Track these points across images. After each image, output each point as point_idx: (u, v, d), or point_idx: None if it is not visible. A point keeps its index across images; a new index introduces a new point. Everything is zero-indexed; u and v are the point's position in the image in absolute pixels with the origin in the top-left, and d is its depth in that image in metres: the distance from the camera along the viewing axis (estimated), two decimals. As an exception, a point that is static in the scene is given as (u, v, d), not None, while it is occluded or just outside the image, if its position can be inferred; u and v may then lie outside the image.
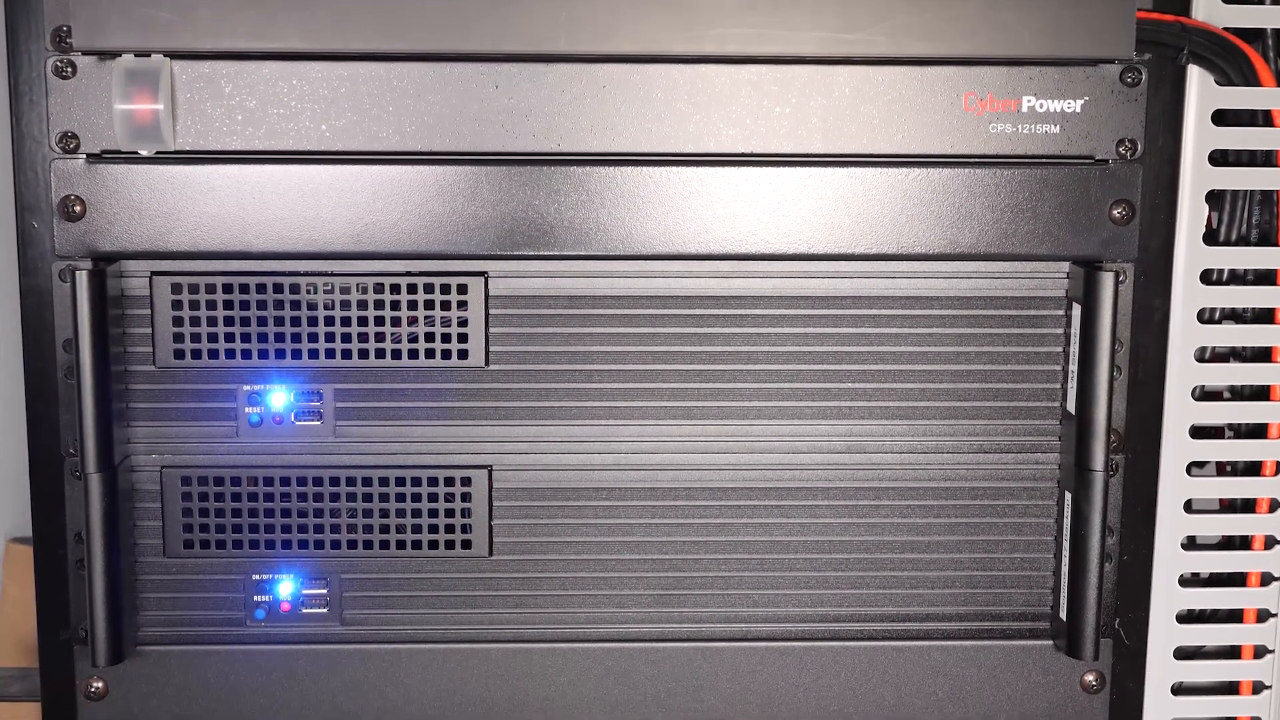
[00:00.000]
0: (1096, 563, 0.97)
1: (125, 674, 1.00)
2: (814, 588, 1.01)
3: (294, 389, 0.98)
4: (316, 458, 0.98)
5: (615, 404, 0.99)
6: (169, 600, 1.00)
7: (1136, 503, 1.02)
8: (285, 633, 1.00)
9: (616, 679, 1.01)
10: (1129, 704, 1.05)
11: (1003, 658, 1.02)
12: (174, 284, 0.96)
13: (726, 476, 1.00)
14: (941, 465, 1.00)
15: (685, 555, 1.01)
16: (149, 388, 0.97)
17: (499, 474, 0.99)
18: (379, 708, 1.01)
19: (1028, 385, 1.00)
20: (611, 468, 0.99)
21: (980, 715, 1.02)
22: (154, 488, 0.98)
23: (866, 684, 1.02)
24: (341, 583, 1.00)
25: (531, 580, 1.01)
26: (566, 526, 1.00)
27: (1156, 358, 1.00)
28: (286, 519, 0.99)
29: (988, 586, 1.02)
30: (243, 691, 1.00)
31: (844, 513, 1.01)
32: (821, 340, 0.99)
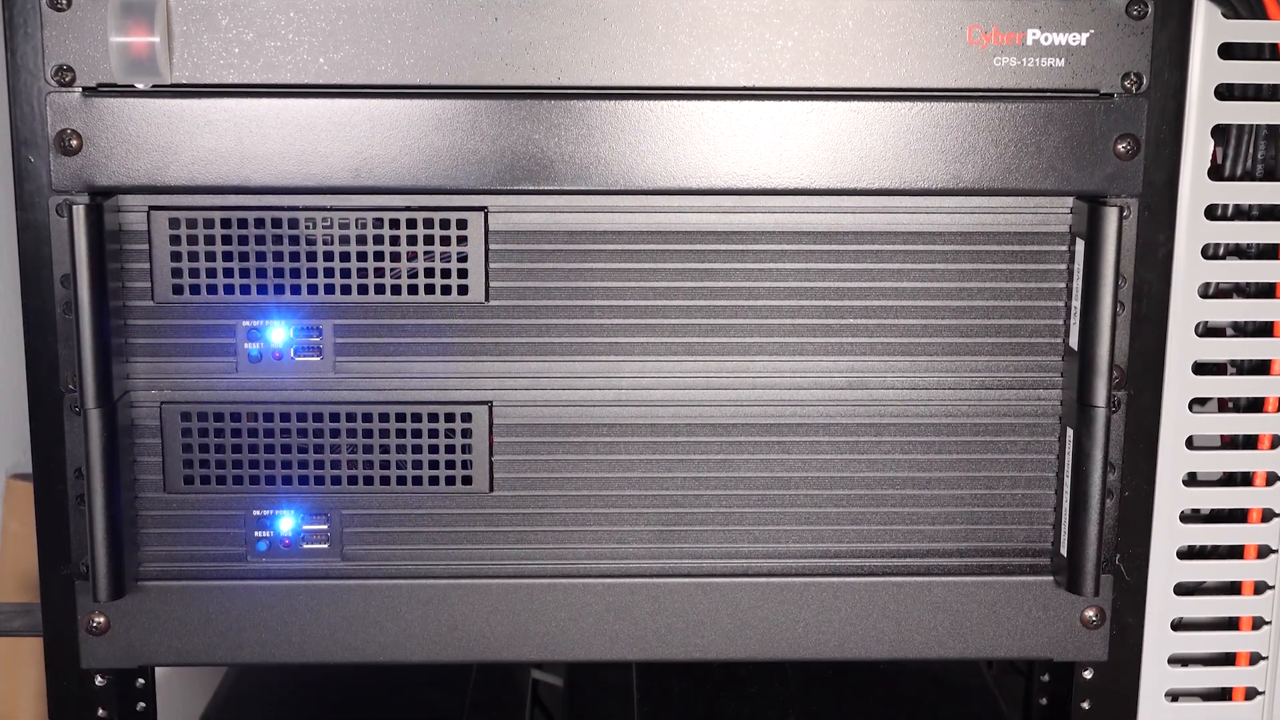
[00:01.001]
0: (1097, 499, 0.97)
1: (126, 609, 1.00)
2: (815, 523, 1.01)
3: (293, 324, 0.97)
4: (316, 393, 0.98)
5: (616, 340, 0.98)
6: (170, 536, 1.00)
7: (1138, 439, 1.01)
8: (286, 568, 1.00)
9: (617, 614, 1.01)
10: (1129, 639, 1.05)
11: (1003, 593, 1.02)
12: (172, 219, 0.95)
13: (727, 412, 1.00)
14: (943, 401, 1.00)
15: (686, 491, 1.00)
16: (148, 323, 0.97)
17: (499, 410, 0.99)
18: (380, 642, 1.01)
19: (1030, 321, 0.99)
20: (612, 403, 0.99)
21: (980, 650, 1.02)
22: (153, 423, 0.98)
23: (867, 619, 1.02)
24: (342, 518, 1.00)
25: (532, 516, 1.01)
26: (567, 462, 1.00)
27: (1160, 293, 1.00)
28: (287, 455, 0.98)
29: (988, 522, 1.01)
30: (244, 626, 1.00)
31: (845, 449, 1.00)
32: (823, 276, 0.98)
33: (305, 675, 1.23)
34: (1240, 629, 1.07)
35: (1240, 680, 1.08)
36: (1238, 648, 1.07)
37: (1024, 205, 0.98)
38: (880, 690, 1.18)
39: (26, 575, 1.31)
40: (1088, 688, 1.06)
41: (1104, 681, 1.06)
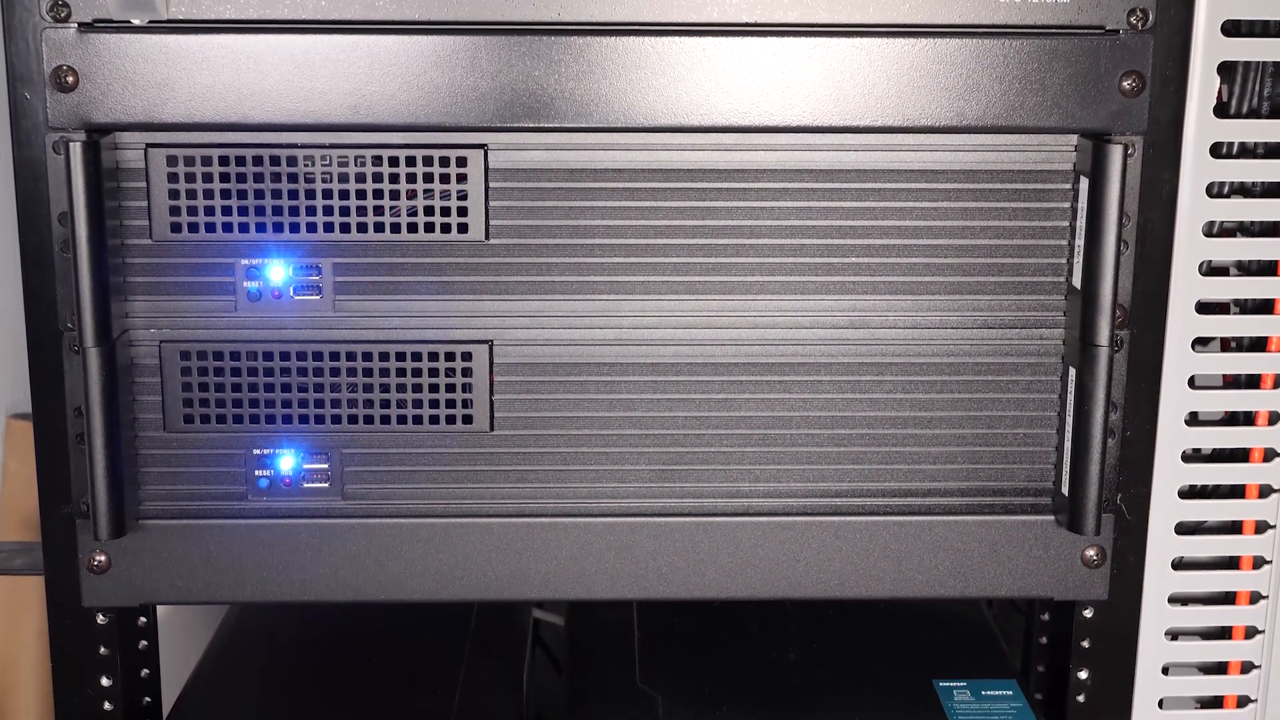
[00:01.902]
0: (1099, 438, 0.97)
1: (127, 547, 1.00)
2: (816, 462, 1.01)
3: (292, 263, 0.97)
4: (316, 332, 0.98)
5: (616, 278, 0.98)
6: (170, 475, 1.00)
7: (1140, 378, 1.01)
8: (286, 507, 1.00)
9: (618, 553, 1.01)
10: (1129, 578, 1.05)
11: (1004, 532, 1.02)
12: (169, 156, 0.95)
13: (728, 351, 0.99)
14: (945, 340, 1.00)
15: (687, 430, 1.00)
16: (146, 261, 0.97)
17: (500, 349, 0.99)
18: (381, 581, 1.01)
19: (1033, 260, 0.99)
20: (613, 343, 0.99)
21: (980, 589, 1.03)
22: (153, 362, 0.98)
23: (867, 558, 1.02)
24: (342, 457, 1.00)
25: (533, 455, 1.00)
26: (568, 401, 1.00)
27: (1163, 232, 0.99)
28: (286, 394, 0.98)
29: (990, 462, 1.01)
30: (244, 565, 1.00)
31: (846, 388, 1.00)
32: (825, 214, 0.98)
33: (306, 614, 1.24)
34: (1241, 568, 1.07)
35: (1240, 619, 1.08)
36: (1238, 587, 1.07)
37: (1028, 143, 0.97)
38: (880, 629, 1.18)
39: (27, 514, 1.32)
40: (1088, 626, 1.06)
41: (1104, 620, 1.06)
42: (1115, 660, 1.07)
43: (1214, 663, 1.10)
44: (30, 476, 1.01)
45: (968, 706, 1.06)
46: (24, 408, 1.31)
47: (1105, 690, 1.08)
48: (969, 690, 1.08)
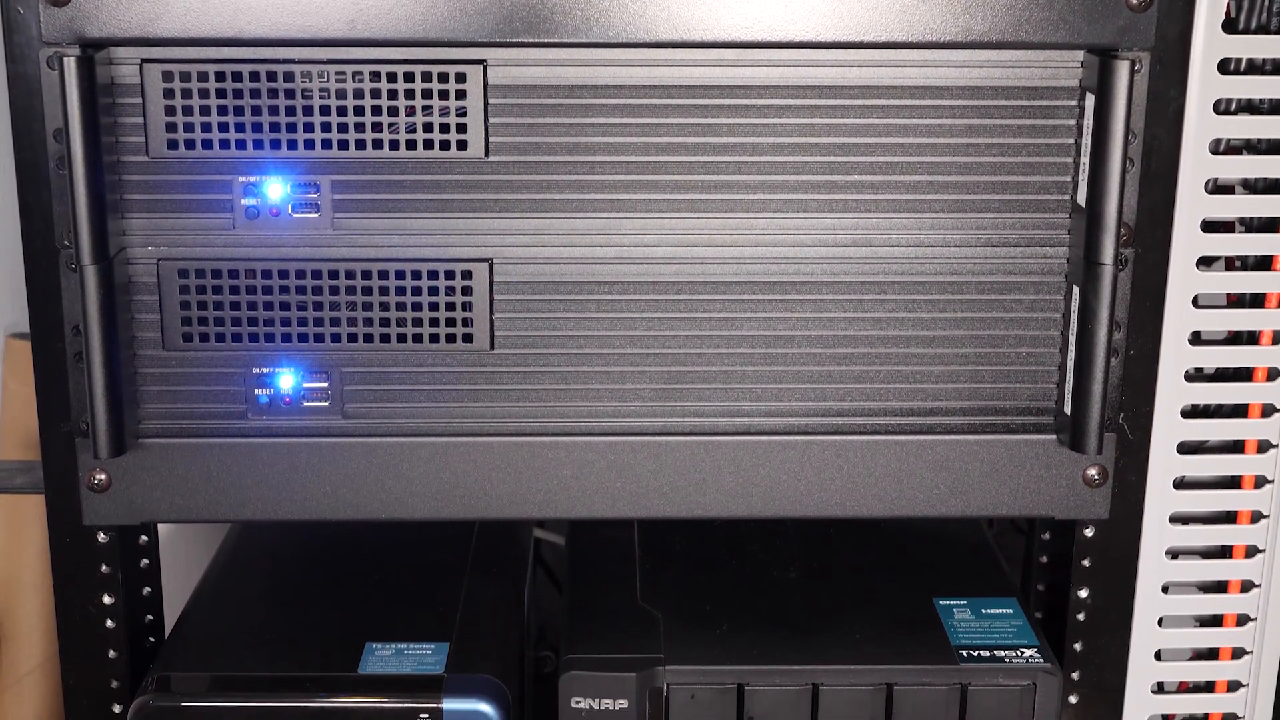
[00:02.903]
0: (1102, 357, 0.96)
1: (127, 466, 1.00)
2: (817, 381, 1.01)
3: (290, 180, 0.96)
4: (315, 250, 0.97)
5: (617, 196, 0.97)
6: (169, 393, 1.00)
7: (1144, 297, 1.01)
8: (286, 426, 1.00)
9: (619, 472, 1.01)
10: (1130, 497, 1.05)
11: (1005, 451, 1.02)
12: (165, 72, 0.93)
13: (730, 270, 0.99)
14: (948, 259, 0.99)
15: (688, 349, 1.00)
16: (143, 179, 0.96)
17: (500, 267, 0.98)
18: (381, 499, 1.01)
19: (1038, 178, 0.98)
20: (614, 261, 0.98)
21: (982, 508, 1.03)
22: (151, 280, 0.97)
23: (869, 478, 1.02)
24: (342, 376, 0.99)
25: (533, 374, 1.00)
26: (568, 320, 0.99)
27: (1169, 150, 0.98)
28: (285, 312, 0.98)
29: (992, 381, 1.01)
30: (245, 483, 1.00)
31: (848, 306, 1.00)
32: (828, 131, 0.97)
33: (307, 534, 1.24)
34: (1242, 488, 1.07)
35: (1241, 539, 1.08)
36: (1239, 506, 1.07)
37: (1033, 59, 0.96)
38: (881, 548, 1.18)
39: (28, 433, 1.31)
40: (1088, 545, 1.06)
41: (1105, 539, 1.06)
42: (1115, 579, 1.07)
43: (1214, 582, 1.10)
44: (30, 395, 1.01)
45: (968, 624, 1.06)
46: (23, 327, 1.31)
47: (1105, 609, 1.08)
48: (969, 608, 1.09)
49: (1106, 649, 1.09)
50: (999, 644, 1.04)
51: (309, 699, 1.01)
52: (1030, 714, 1.02)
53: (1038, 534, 1.15)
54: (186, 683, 1.03)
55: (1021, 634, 1.05)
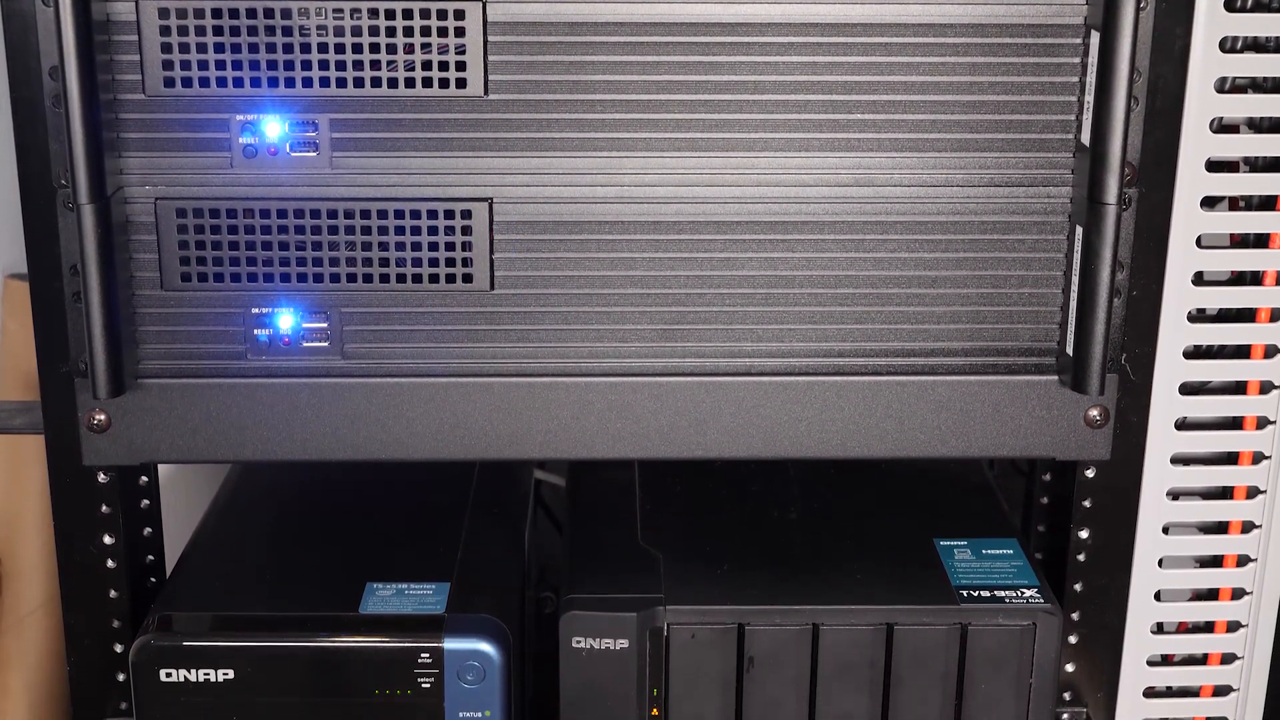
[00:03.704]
0: (1105, 297, 0.96)
1: (127, 406, 0.99)
2: (819, 322, 1.00)
3: (288, 119, 0.95)
4: (313, 190, 0.97)
5: (618, 135, 0.96)
6: (168, 334, 0.99)
7: (1148, 237, 1.00)
8: (286, 366, 1.00)
9: (619, 412, 1.01)
10: (1132, 438, 1.05)
11: (1007, 392, 1.01)
12: (161, 8, 0.93)
13: (731, 209, 0.98)
14: (951, 198, 0.98)
15: (689, 289, 0.99)
16: (139, 117, 0.95)
17: (499, 206, 0.97)
18: (381, 440, 1.01)
19: (1042, 117, 0.97)
20: (614, 200, 0.98)
21: (983, 449, 1.02)
22: (148, 219, 0.97)
23: (870, 418, 1.01)
24: (342, 316, 0.99)
25: (533, 314, 1.00)
26: (568, 260, 0.99)
27: (1175, 89, 0.98)
28: (284, 252, 0.97)
29: (994, 321, 1.00)
30: (245, 424, 1.00)
31: (850, 246, 0.99)
32: (830, 69, 0.96)
33: (308, 475, 1.24)
34: (1244, 429, 1.06)
35: (1242, 480, 1.08)
36: (1241, 447, 1.07)
37: (1038, -4, 0.95)
38: (882, 489, 1.18)
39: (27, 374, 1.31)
40: (1089, 486, 1.06)
41: (1106, 480, 1.06)
42: (1116, 520, 1.07)
43: (1214, 523, 1.10)
44: (29, 336, 1.00)
45: (968, 565, 1.07)
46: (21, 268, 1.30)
47: (1105, 549, 1.08)
48: (969, 549, 1.09)
49: (1106, 590, 1.09)
50: (999, 584, 1.04)
51: (310, 639, 1.01)
52: (1030, 654, 1.02)
53: (1038, 475, 1.15)
54: (188, 622, 1.03)
55: (1022, 574, 1.06)
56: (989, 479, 1.21)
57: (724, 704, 1.03)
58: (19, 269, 1.35)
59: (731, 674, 1.02)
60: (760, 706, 1.03)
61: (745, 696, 1.03)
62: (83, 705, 1.09)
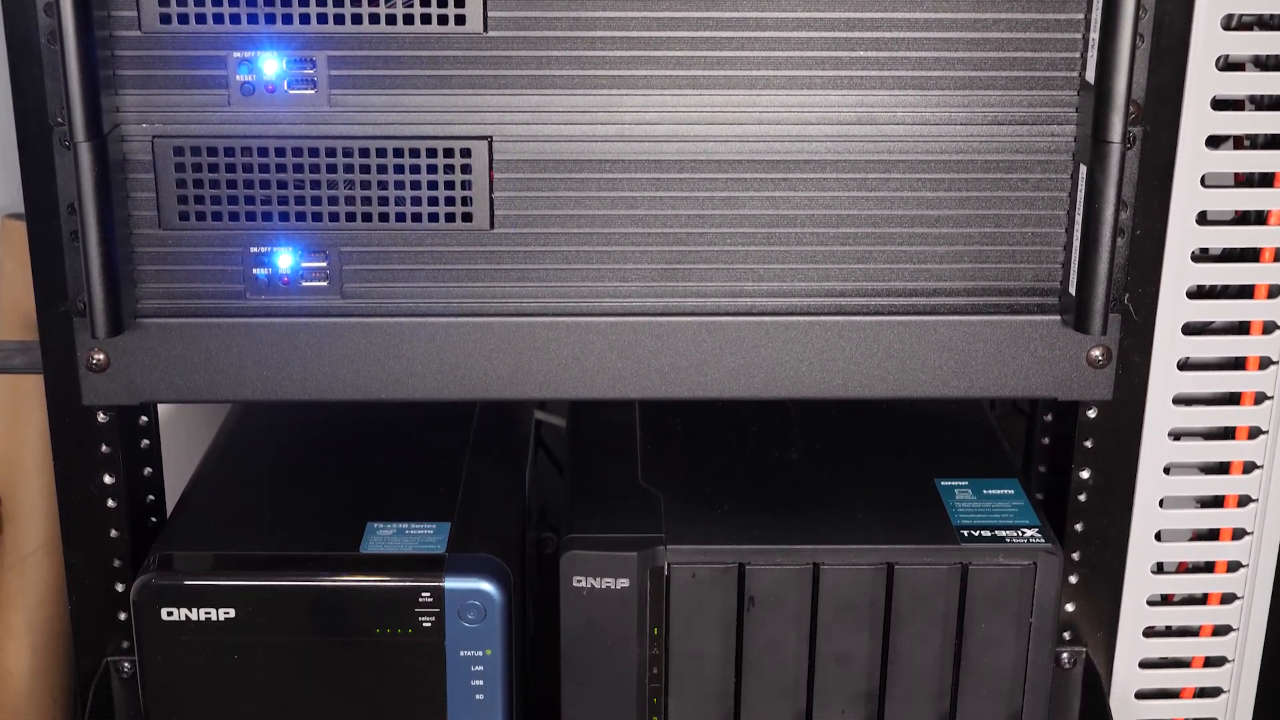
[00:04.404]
0: (1109, 237, 0.95)
1: (125, 346, 0.99)
2: (820, 261, 1.00)
3: (286, 56, 0.94)
4: (311, 128, 0.96)
5: (618, 72, 0.96)
6: (167, 273, 0.99)
7: (1152, 176, 0.99)
8: (285, 305, 0.99)
9: (620, 353, 1.01)
10: (1134, 379, 1.04)
11: (1009, 332, 1.01)
12: (156, -57, 0.92)
13: (732, 148, 0.97)
14: (954, 137, 0.97)
15: (690, 229, 0.99)
16: (136, 54, 0.94)
17: (499, 145, 0.97)
18: (381, 380, 1.01)
19: (1046, 54, 0.96)
20: (615, 139, 0.97)
21: (984, 389, 1.02)
22: (146, 158, 0.96)
23: (871, 358, 1.01)
24: (341, 255, 0.99)
25: (533, 253, 0.99)
26: (569, 199, 0.98)
27: (1180, 26, 0.97)
28: (282, 190, 0.96)
29: (997, 261, 1.00)
30: (244, 363, 1.00)
31: (852, 185, 0.98)
32: (833, 5, 0.95)
33: (308, 415, 1.24)
34: (1246, 369, 1.06)
35: (1244, 420, 1.08)
36: (1243, 387, 1.07)
37: (1043, -69, 0.94)
38: (883, 429, 1.18)
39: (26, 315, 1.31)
40: (1091, 427, 1.06)
41: (1108, 421, 1.06)
42: (1117, 460, 1.07)
43: (1216, 463, 1.10)
44: (27, 276, 1.00)
45: (969, 505, 1.07)
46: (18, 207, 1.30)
47: (1106, 490, 1.08)
48: (970, 489, 1.09)
49: (1107, 530, 1.09)
50: (1000, 524, 1.04)
51: (311, 578, 1.01)
52: (1031, 594, 1.02)
53: (1040, 415, 1.15)
54: (188, 562, 1.03)
55: (1023, 514, 1.06)
56: (990, 419, 1.21)
57: (724, 643, 1.03)
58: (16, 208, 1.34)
59: (732, 613, 1.02)
60: (761, 646, 1.03)
61: (746, 636, 1.03)
62: (84, 644, 1.09)
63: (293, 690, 1.03)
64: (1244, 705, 1.16)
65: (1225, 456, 1.09)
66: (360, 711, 1.03)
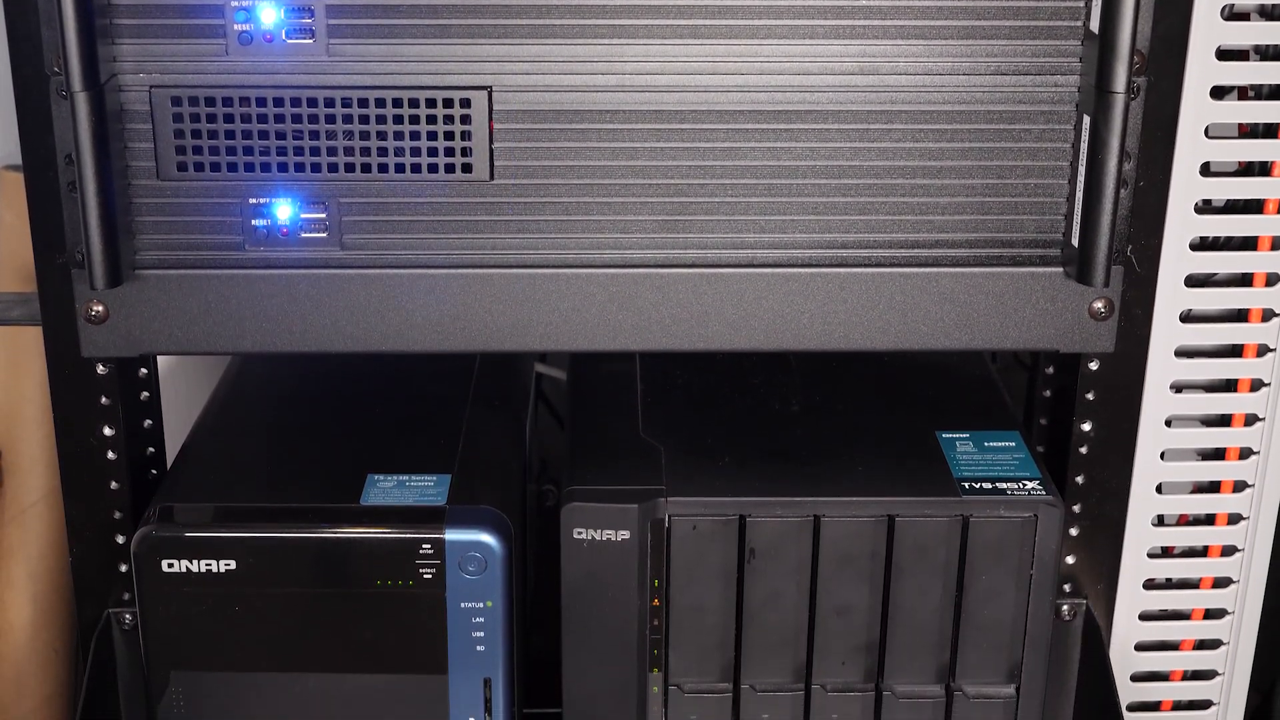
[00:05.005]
0: (1112, 188, 0.95)
1: (124, 297, 0.99)
2: (822, 213, 0.99)
3: (284, 4, 0.94)
4: (310, 78, 0.95)
5: (619, 22, 0.95)
6: (165, 224, 0.98)
7: (1156, 127, 0.99)
8: (284, 257, 0.99)
9: (620, 305, 1.00)
10: (1136, 331, 1.04)
11: (1011, 284, 1.00)
12: (153, -109, 0.91)
13: (734, 98, 0.97)
14: (956, 86, 0.97)
15: (691, 180, 0.98)
16: (133, 2, 0.93)
17: (499, 95, 0.96)
18: (381, 332, 1.00)
19: (1050, 3, 0.95)
20: (615, 89, 0.96)
21: (986, 341, 1.02)
22: (143, 108, 0.95)
23: (872, 310, 1.01)
24: (340, 207, 0.98)
25: (534, 205, 0.99)
26: (569, 150, 0.97)
27: (1186, -26, 0.96)
28: (281, 141, 0.96)
29: (999, 212, 0.99)
30: (243, 315, 0.99)
31: (854, 136, 0.98)
32: (836, -46, 0.94)
33: (308, 367, 1.23)
34: (1250, 321, 1.06)
35: (1247, 372, 1.07)
36: (1246, 340, 1.06)
37: (1048, -122, 0.93)
38: (884, 381, 1.18)
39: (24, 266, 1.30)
40: (1092, 379, 1.06)
41: (1109, 373, 1.06)
42: (1119, 412, 1.07)
43: (1217, 415, 1.10)
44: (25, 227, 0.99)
45: (970, 457, 1.06)
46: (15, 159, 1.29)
47: (1108, 442, 1.08)
48: (971, 442, 1.08)
49: (1108, 482, 1.09)
50: (1001, 476, 1.04)
51: (311, 529, 1.01)
52: (1031, 546, 1.02)
53: (1041, 368, 1.15)
54: (189, 514, 1.03)
55: (1024, 467, 1.05)
56: (991, 372, 1.20)
57: (725, 595, 1.03)
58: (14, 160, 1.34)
59: (733, 565, 1.02)
60: (761, 598, 1.03)
61: (746, 588, 1.03)
62: (85, 596, 1.09)
63: (293, 641, 1.03)
64: (1244, 657, 1.16)
65: (1227, 409, 1.09)
66: (360, 663, 1.03)
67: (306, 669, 1.04)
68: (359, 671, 1.03)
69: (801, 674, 1.05)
